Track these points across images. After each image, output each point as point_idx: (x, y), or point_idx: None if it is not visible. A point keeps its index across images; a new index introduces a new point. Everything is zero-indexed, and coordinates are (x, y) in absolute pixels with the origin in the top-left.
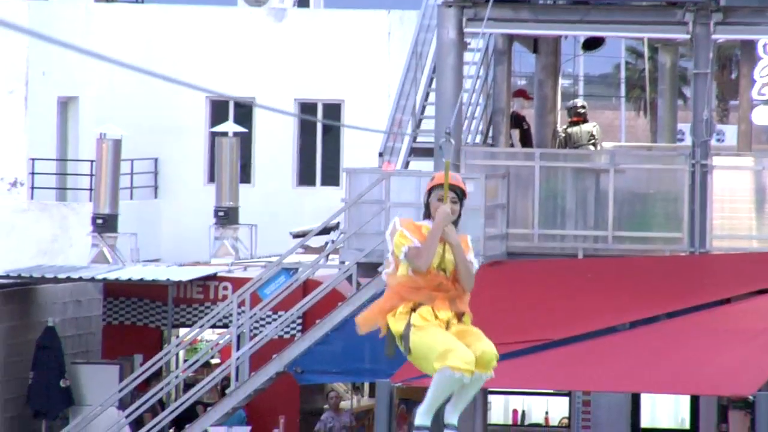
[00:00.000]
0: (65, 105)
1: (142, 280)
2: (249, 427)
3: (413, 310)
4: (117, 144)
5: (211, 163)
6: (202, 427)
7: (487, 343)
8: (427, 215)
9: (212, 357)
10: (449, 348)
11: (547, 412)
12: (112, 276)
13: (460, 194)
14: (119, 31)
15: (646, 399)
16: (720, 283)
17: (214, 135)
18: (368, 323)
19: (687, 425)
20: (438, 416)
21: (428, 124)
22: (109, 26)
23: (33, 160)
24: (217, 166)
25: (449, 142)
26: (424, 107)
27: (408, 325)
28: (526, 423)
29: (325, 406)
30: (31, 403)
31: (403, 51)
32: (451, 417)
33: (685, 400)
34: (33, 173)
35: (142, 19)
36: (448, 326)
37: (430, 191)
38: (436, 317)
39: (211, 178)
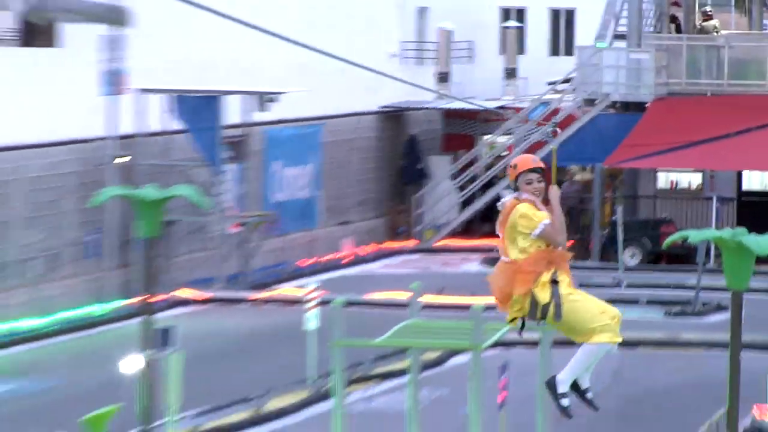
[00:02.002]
0: None
1: (463, 109)
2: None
3: (554, 281)
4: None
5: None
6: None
7: (612, 307)
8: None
9: (501, 153)
10: (605, 323)
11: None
12: (448, 106)
13: (541, 172)
14: None
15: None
16: None
17: None
18: (507, 296)
19: None
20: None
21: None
22: None
23: None
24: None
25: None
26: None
27: (557, 295)
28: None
29: (566, 178)
30: (403, 177)
31: None
32: (587, 381)
33: None
34: None
35: None
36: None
37: (517, 176)
38: (569, 284)
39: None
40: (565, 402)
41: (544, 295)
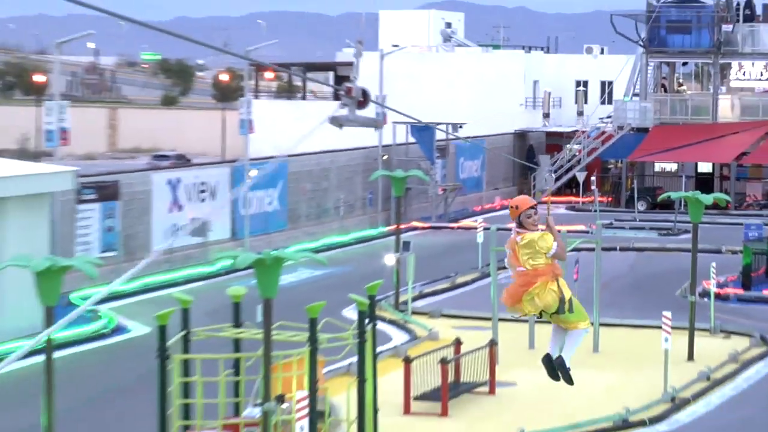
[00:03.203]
0: None
1: (555, 131)
2: None
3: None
4: None
5: None
6: None
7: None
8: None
9: (575, 154)
10: (586, 313)
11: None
12: (548, 129)
13: (535, 208)
14: None
15: None
16: None
17: None
18: (519, 296)
19: None
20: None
21: None
22: None
23: None
24: None
25: None
26: (637, 81)
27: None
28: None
29: (608, 166)
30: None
31: None
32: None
33: None
34: None
35: None
36: None
37: (519, 214)
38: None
39: (576, 101)
40: (571, 373)
41: (567, 291)
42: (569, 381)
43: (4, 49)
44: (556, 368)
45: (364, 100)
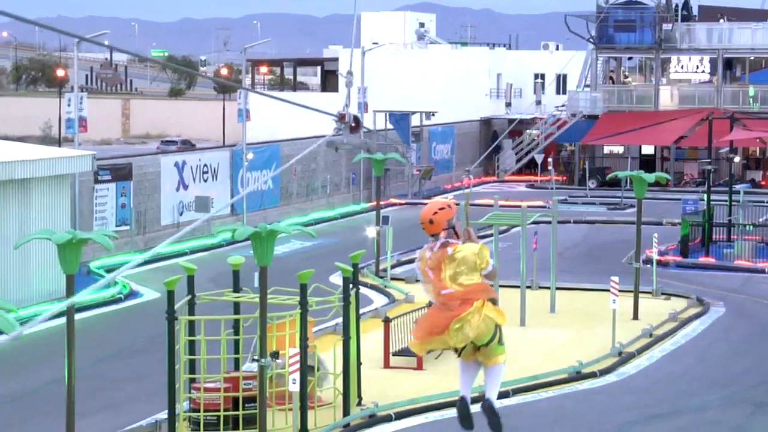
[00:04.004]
0: None
1: (517, 118)
2: None
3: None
4: None
5: None
6: None
7: None
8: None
9: (534, 139)
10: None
11: (619, 150)
12: (510, 116)
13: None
14: None
15: None
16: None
17: None
18: (440, 328)
19: None
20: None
21: None
22: None
23: None
24: None
25: None
26: (587, 74)
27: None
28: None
29: (564, 149)
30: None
31: None
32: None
33: None
34: None
35: None
36: None
37: (447, 223)
38: None
39: (535, 92)
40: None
41: (502, 317)
42: (499, 429)
43: (29, 47)
44: (486, 415)
45: (356, 125)
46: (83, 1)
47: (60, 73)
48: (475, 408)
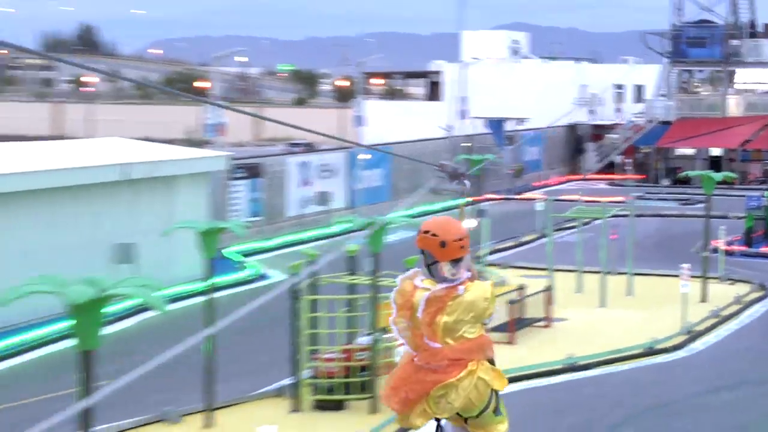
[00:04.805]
0: None
1: (598, 124)
2: None
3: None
4: None
5: None
6: None
7: None
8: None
9: (615, 142)
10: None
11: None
12: (593, 122)
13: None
14: None
15: None
16: None
17: None
18: (421, 394)
19: None
20: None
21: None
22: None
23: None
24: None
25: None
26: (662, 85)
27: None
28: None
29: (640, 151)
30: (576, 151)
31: None
32: None
33: None
34: None
35: None
36: None
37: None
38: None
39: (617, 101)
40: None
41: (500, 381)
42: None
43: (175, 62)
44: None
45: (456, 176)
46: (223, 22)
47: (201, 84)
48: None
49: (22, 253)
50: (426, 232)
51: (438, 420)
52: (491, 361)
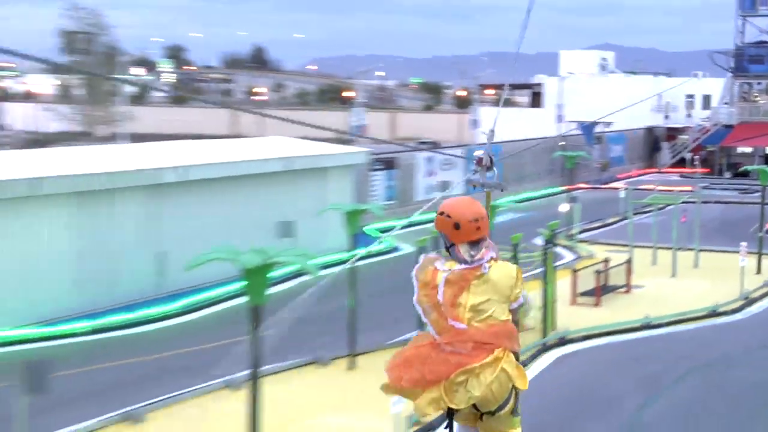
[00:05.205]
0: None
1: (672, 126)
2: None
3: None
4: None
5: None
6: None
7: None
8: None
9: (684, 143)
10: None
11: (749, 150)
12: (668, 125)
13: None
14: None
15: None
16: None
17: None
18: (441, 375)
19: None
20: None
21: None
22: None
23: None
24: None
25: None
26: (725, 95)
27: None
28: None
29: (703, 150)
30: (653, 149)
31: None
32: None
33: None
34: None
35: None
36: None
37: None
38: None
39: (688, 108)
40: None
41: (522, 380)
42: None
43: (327, 76)
44: None
45: (490, 165)
46: (366, 43)
47: (348, 94)
48: None
49: (208, 227)
50: (441, 213)
51: (450, 414)
52: (516, 356)
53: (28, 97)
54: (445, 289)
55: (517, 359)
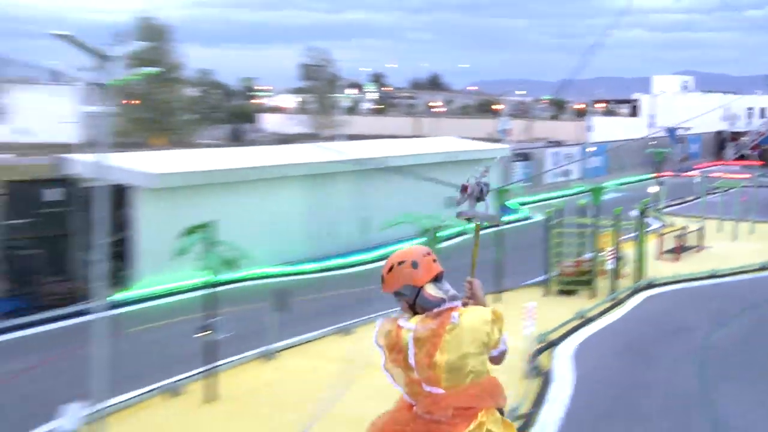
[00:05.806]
0: None
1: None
2: None
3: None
4: None
5: None
6: None
7: None
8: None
9: (746, 144)
10: None
11: None
12: (731, 130)
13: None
14: None
15: None
16: None
17: None
18: None
19: None
20: None
21: None
22: None
23: None
24: None
25: None
26: None
27: None
28: None
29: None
30: (720, 149)
31: None
32: None
33: None
34: None
35: None
36: None
37: (421, 286)
38: None
39: (749, 117)
40: None
41: None
42: None
43: (484, 94)
44: None
45: (480, 196)
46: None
47: (496, 106)
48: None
49: (397, 200)
50: (390, 268)
51: None
52: (501, 411)
53: (276, 110)
54: (416, 351)
55: (502, 414)
